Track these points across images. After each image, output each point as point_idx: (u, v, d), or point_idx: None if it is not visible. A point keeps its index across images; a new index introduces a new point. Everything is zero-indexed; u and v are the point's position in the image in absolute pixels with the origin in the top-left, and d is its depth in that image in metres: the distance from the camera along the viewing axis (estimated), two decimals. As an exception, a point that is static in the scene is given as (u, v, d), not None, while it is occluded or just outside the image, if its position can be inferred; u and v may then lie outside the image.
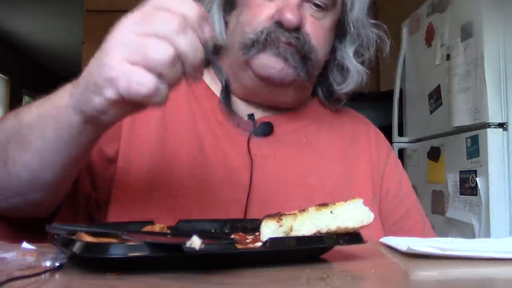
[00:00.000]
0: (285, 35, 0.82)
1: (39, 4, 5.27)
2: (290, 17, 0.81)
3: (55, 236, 0.52)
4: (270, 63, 0.84)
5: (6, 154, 0.63)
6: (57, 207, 0.76)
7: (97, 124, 0.57)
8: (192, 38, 0.51)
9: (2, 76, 6.65)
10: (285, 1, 0.83)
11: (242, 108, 0.92)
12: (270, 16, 0.84)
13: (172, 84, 0.52)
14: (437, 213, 2.16)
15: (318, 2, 0.86)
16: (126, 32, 0.51)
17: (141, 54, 0.50)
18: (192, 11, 0.52)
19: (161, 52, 0.49)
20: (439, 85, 2.18)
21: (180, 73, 0.52)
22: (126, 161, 0.82)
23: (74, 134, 0.59)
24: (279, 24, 0.83)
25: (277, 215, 0.56)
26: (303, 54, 0.84)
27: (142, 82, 0.49)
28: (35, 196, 0.67)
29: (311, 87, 0.97)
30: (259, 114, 0.92)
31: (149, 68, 0.50)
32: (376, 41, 0.95)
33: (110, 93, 0.51)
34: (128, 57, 0.50)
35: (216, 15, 0.92)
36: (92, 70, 0.53)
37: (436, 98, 2.22)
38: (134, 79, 0.49)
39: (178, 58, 0.51)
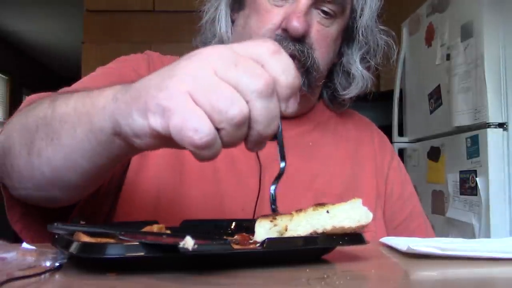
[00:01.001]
0: (289, 47, 0.82)
1: (39, 4, 5.27)
2: (296, 25, 0.81)
3: (56, 236, 0.52)
4: None
5: (32, 143, 0.58)
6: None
7: (126, 142, 0.50)
8: (273, 108, 0.44)
9: (2, 76, 6.65)
10: (293, 7, 0.83)
11: None
12: (277, 25, 0.83)
13: (227, 146, 0.45)
14: (437, 213, 2.16)
15: (326, 9, 0.85)
16: (205, 65, 0.44)
17: (211, 98, 0.42)
18: (289, 79, 0.45)
19: (234, 108, 0.42)
20: (439, 85, 2.18)
21: (242, 137, 0.45)
22: (138, 162, 0.82)
23: (102, 142, 0.52)
24: (285, 31, 0.83)
25: (272, 215, 0.56)
26: (305, 68, 0.84)
27: (198, 129, 0.42)
28: (54, 194, 0.63)
29: (316, 95, 0.97)
30: None
31: (212, 118, 0.42)
32: (383, 47, 0.95)
33: (156, 123, 0.44)
34: (194, 94, 0.43)
35: (224, 12, 0.91)
36: (149, 86, 0.46)
37: (436, 98, 2.22)
38: (191, 122, 0.42)
39: (248, 121, 0.44)
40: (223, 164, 0.85)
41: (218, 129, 0.43)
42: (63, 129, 0.55)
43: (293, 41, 0.82)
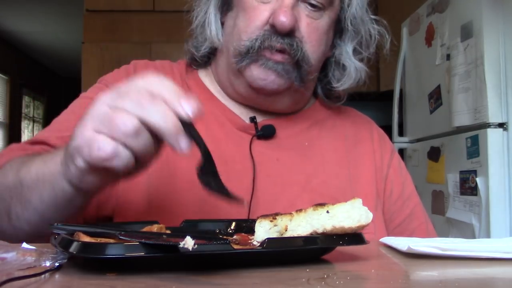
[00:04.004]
0: (278, 41, 0.82)
1: (39, 4, 5.27)
2: (283, 20, 0.81)
3: (55, 237, 0.52)
4: (261, 74, 0.84)
5: (10, 210, 0.68)
6: None
7: (83, 191, 0.62)
8: (161, 111, 0.54)
9: (2, 76, 6.65)
10: (279, 3, 0.82)
11: (243, 111, 0.92)
12: (264, 21, 0.83)
13: (140, 151, 0.55)
14: (437, 213, 2.16)
15: (314, 2, 0.84)
16: (100, 105, 0.56)
17: (107, 124, 0.54)
18: (165, 87, 0.55)
19: (124, 123, 0.53)
20: (439, 85, 2.18)
21: (147, 142, 0.55)
22: None
23: (68, 199, 0.63)
24: (273, 27, 0.82)
25: (272, 215, 0.56)
26: (295, 61, 0.84)
27: (101, 147, 0.54)
28: (37, 236, 0.69)
29: (311, 89, 0.96)
30: (260, 118, 0.92)
31: (113, 137, 0.54)
32: (376, 37, 0.94)
33: (78, 161, 0.56)
34: (95, 127, 0.54)
35: (213, 16, 0.91)
36: (70, 140, 0.58)
37: (436, 98, 2.22)
38: (95, 145, 0.54)
39: (147, 129, 0.54)
40: (216, 164, 0.84)
41: (123, 144, 0.54)
42: (32, 195, 0.66)
43: (282, 36, 0.82)
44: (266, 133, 0.89)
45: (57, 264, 0.48)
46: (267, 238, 0.50)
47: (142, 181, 0.81)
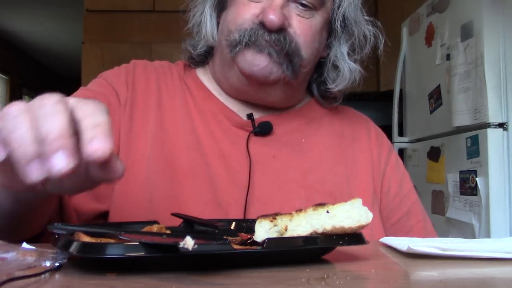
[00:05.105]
0: (265, 37, 0.82)
1: (39, 4, 5.27)
2: (272, 18, 0.81)
3: (55, 237, 0.52)
4: (254, 60, 0.84)
5: None
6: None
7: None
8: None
9: (2, 76, 6.64)
10: (269, 2, 0.83)
11: (241, 108, 0.92)
12: (255, 16, 0.84)
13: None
14: (437, 213, 2.16)
15: (304, 2, 0.85)
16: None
17: None
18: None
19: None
20: (439, 85, 2.18)
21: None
22: (125, 167, 0.82)
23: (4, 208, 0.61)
24: (262, 24, 0.83)
25: (272, 215, 0.56)
26: (285, 52, 0.84)
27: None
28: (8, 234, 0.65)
29: (304, 85, 0.97)
30: (257, 114, 0.92)
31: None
32: (371, 39, 0.94)
33: None
34: None
35: (208, 16, 0.93)
36: None
37: (436, 98, 2.22)
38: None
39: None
40: (214, 159, 0.85)
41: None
42: None
43: (270, 32, 0.83)
44: (263, 130, 0.90)
45: (57, 264, 0.48)
46: (267, 238, 0.50)
47: (141, 173, 0.82)
